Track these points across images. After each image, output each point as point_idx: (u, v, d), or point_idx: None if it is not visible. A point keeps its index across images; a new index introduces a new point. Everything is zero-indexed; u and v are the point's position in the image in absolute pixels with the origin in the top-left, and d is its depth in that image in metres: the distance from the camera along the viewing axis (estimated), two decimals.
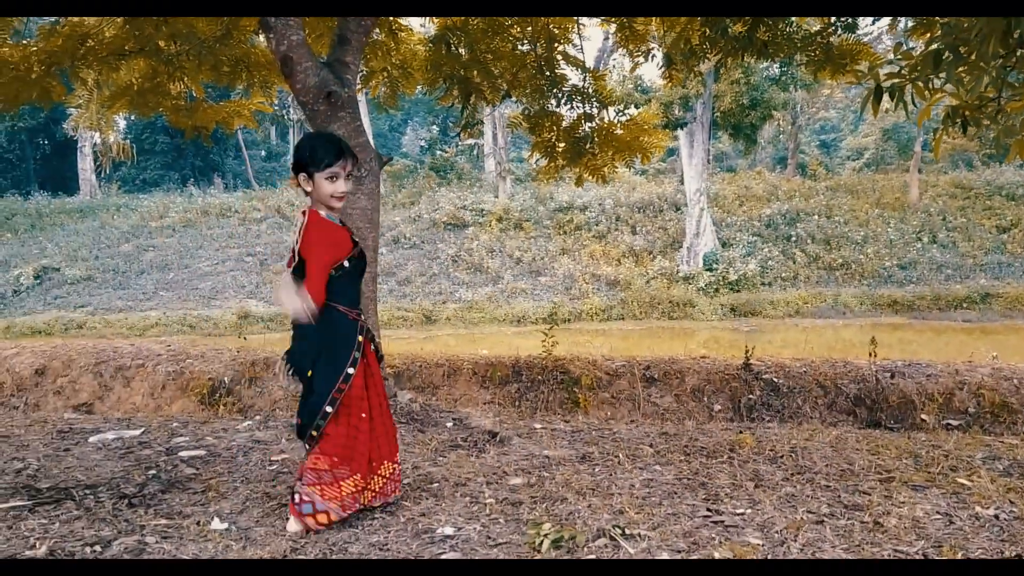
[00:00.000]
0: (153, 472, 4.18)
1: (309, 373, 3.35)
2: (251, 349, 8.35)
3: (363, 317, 3.50)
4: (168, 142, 40.90)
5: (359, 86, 8.12)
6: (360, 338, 3.40)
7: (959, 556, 2.91)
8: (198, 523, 3.34)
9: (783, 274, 24.05)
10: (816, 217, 26.66)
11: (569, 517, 3.38)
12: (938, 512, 3.38)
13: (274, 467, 4.34)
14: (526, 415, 6.42)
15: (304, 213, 3.36)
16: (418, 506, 3.59)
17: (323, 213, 3.38)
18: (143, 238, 29.24)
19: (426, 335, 19.61)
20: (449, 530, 3.30)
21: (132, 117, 34.41)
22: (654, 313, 21.84)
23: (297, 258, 3.33)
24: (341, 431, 3.36)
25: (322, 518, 3.30)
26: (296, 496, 3.31)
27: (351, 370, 3.34)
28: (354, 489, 3.38)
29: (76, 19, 6.75)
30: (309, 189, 3.35)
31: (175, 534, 3.21)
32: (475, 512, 3.50)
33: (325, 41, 6.87)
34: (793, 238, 25.62)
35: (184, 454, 4.63)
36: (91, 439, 5.05)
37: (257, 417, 5.91)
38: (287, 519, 3.36)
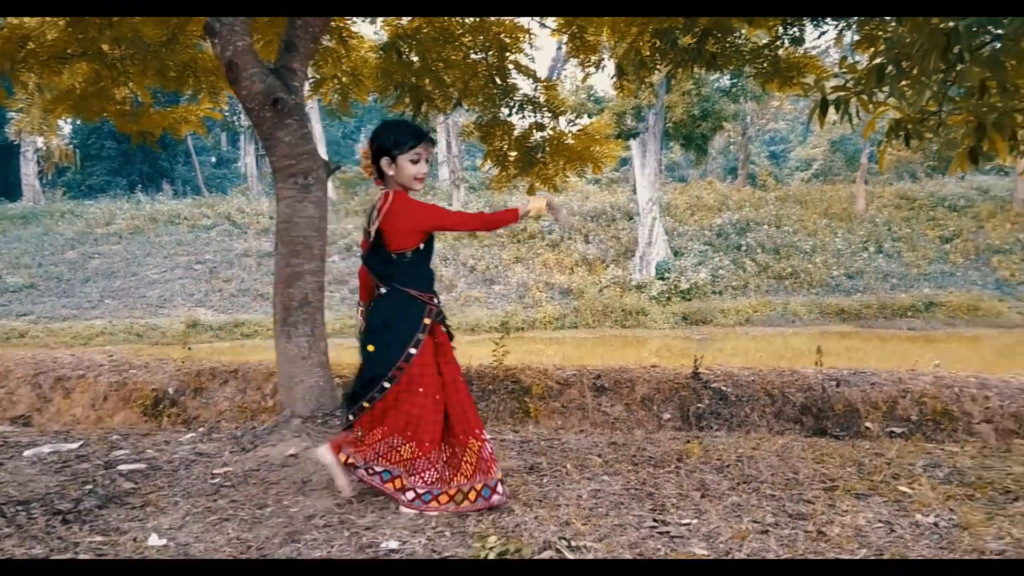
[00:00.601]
0: (90, 487, 4.07)
1: (370, 348, 3.54)
2: (197, 359, 8.20)
3: (436, 301, 3.63)
4: (115, 147, 40.09)
5: (309, 93, 8.05)
6: (427, 320, 3.54)
7: None
8: (135, 540, 3.25)
9: (734, 283, 24.34)
10: (766, 227, 27.06)
11: (516, 529, 3.35)
12: (880, 520, 3.41)
13: (216, 480, 4.25)
14: None
15: (387, 195, 3.50)
16: (363, 519, 3.53)
17: None
18: (88, 245, 28.64)
19: None
20: (394, 544, 3.25)
21: (77, 122, 33.77)
22: (607, 321, 21.95)
23: (373, 238, 3.53)
24: (404, 407, 3.52)
25: (398, 483, 3.58)
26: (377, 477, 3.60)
27: (412, 350, 3.48)
28: (411, 456, 3.55)
29: (16, 21, 6.59)
30: (392, 173, 3.50)
31: (110, 551, 3.11)
32: (420, 525, 3.45)
33: (273, 47, 6.78)
34: (743, 247, 25.96)
35: (123, 468, 4.51)
36: (26, 453, 4.90)
37: (201, 429, 5.79)
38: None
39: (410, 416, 3.52)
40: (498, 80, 7.51)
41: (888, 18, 6.40)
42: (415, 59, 7.42)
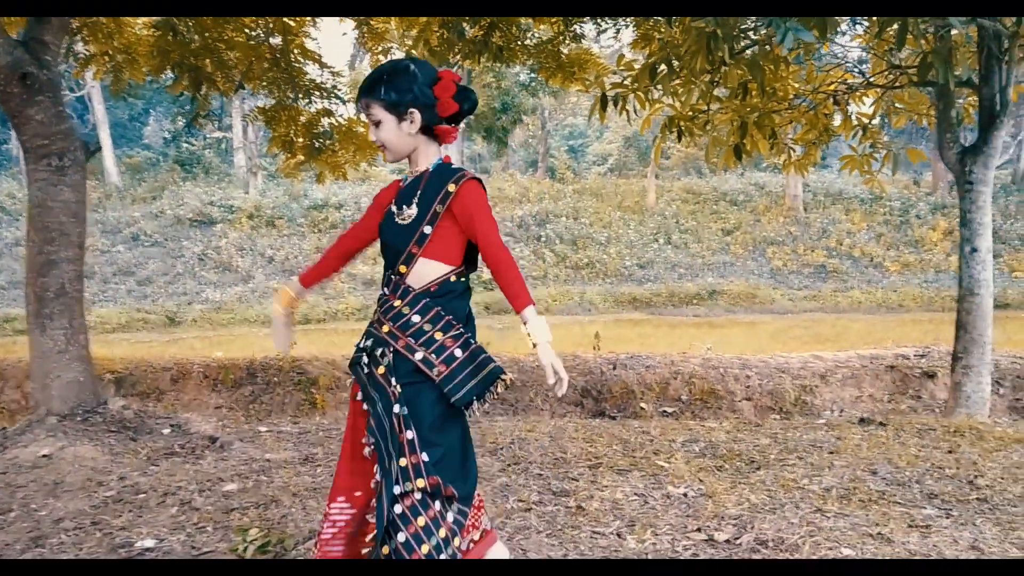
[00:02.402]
0: None
1: None
2: None
3: (376, 323, 2.40)
4: None
5: (76, 69, 7.53)
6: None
7: (648, 533, 3.11)
8: None
9: (534, 273, 24.94)
10: (564, 218, 27.89)
11: (281, 521, 3.29)
12: (636, 493, 3.61)
13: None
14: (258, 418, 6.21)
15: None
16: (118, 519, 3.35)
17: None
18: None
19: (169, 338, 18.50)
20: (150, 542, 3.11)
21: None
22: None
23: None
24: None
25: None
26: None
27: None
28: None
29: None
30: None
31: None
32: (182, 522, 3.33)
33: (21, 18, 6.28)
34: (543, 238, 26.65)
35: None
36: None
37: None
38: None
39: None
40: (282, 63, 7.31)
41: (662, 19, 6.79)
42: (194, 37, 7.08)
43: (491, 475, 3.93)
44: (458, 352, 2.27)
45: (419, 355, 2.26)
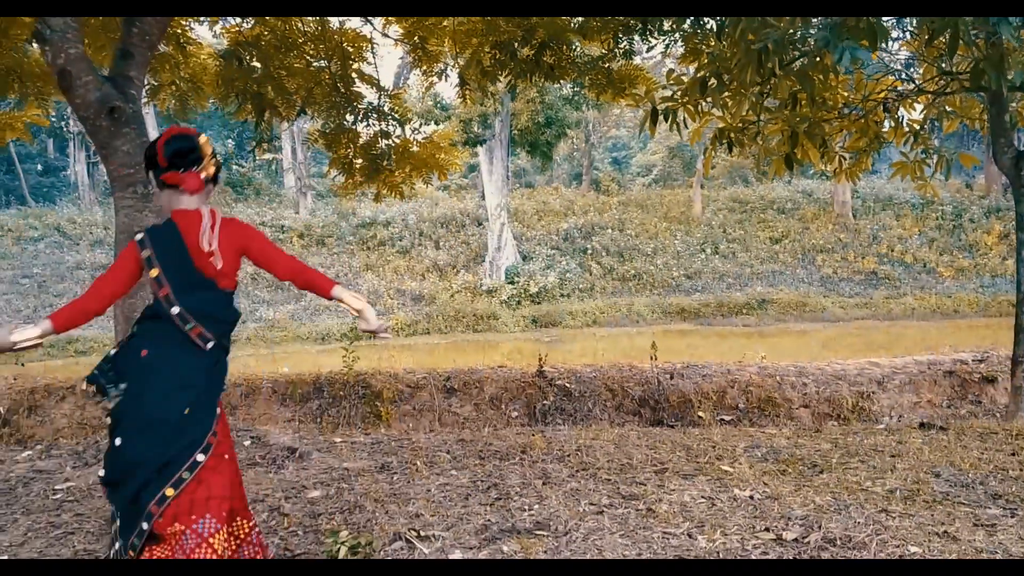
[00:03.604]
0: None
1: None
2: (30, 376, 7.82)
3: None
4: None
5: (146, 99, 7.85)
6: None
7: (718, 533, 3.24)
8: None
9: (580, 285, 25.03)
10: (610, 230, 27.96)
11: (367, 524, 3.47)
12: (703, 496, 3.73)
13: (58, 496, 4.15)
14: (328, 430, 6.42)
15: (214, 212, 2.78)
16: None
17: None
18: None
19: None
20: None
21: None
22: (459, 326, 22.14)
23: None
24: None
25: None
26: None
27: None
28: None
29: None
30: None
31: None
32: (273, 526, 3.52)
33: (105, 53, 6.60)
34: (589, 251, 26.75)
35: None
36: None
37: (38, 447, 5.58)
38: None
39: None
40: (341, 88, 7.57)
41: (711, 33, 6.91)
42: (256, 66, 7.37)
43: (561, 480, 4.07)
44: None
45: None
